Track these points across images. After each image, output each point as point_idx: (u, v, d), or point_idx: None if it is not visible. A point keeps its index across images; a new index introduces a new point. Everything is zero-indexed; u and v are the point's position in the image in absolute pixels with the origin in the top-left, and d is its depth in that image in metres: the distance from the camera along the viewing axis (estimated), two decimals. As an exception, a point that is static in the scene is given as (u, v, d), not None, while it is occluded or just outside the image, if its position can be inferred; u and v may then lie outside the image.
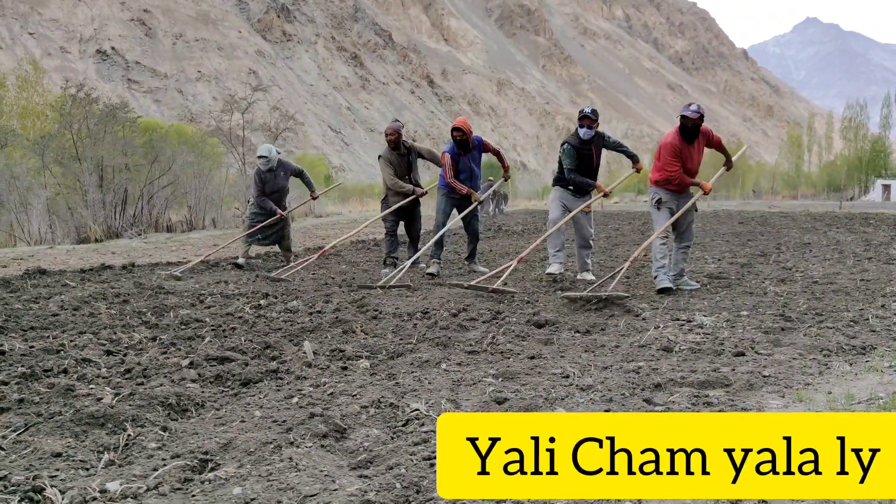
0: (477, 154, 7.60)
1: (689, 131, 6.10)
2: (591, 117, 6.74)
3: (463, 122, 7.46)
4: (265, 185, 8.69)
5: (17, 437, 2.45)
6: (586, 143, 6.82)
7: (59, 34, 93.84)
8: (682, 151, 6.17)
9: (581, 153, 6.84)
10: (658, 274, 6.20)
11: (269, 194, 8.74)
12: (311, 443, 2.41)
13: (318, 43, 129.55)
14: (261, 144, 8.90)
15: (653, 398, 2.91)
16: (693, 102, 6.19)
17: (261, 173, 8.69)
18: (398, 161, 7.88)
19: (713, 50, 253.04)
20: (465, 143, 7.36)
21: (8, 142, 20.04)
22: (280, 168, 8.76)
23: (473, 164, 7.57)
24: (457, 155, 7.49)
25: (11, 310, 5.18)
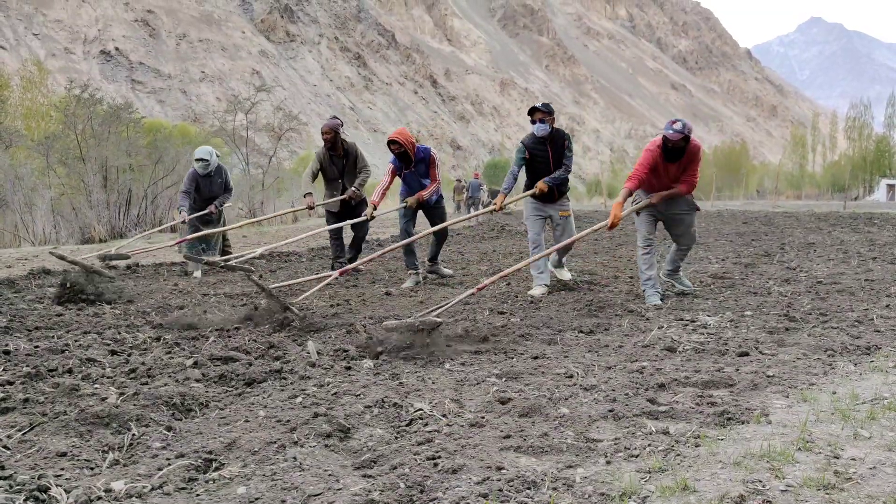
0: (423, 167, 6.90)
1: (670, 152, 5.43)
2: (541, 110, 6.07)
3: (399, 133, 6.84)
4: (199, 189, 8.18)
5: (22, 437, 2.46)
6: (541, 141, 6.15)
7: (64, 35, 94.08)
8: (659, 166, 5.54)
9: (534, 153, 6.17)
10: (646, 288, 5.67)
11: (203, 199, 8.22)
12: (314, 442, 2.41)
13: (321, 43, 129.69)
14: (201, 146, 8.40)
15: (656, 398, 2.91)
16: (679, 120, 5.44)
17: (197, 176, 8.16)
18: (330, 162, 7.44)
19: (717, 50, 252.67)
20: (404, 156, 6.76)
21: (12, 142, 20.13)
22: (218, 175, 8.28)
23: (420, 177, 6.92)
24: (399, 168, 6.90)
25: (16, 310, 5.20)
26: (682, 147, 5.41)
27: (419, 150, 6.81)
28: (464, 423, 2.61)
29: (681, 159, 5.50)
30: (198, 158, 8.08)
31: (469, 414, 2.73)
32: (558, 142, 6.18)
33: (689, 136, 5.38)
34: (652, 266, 5.67)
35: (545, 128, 6.05)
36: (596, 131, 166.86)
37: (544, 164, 6.19)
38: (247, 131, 29.86)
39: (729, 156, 72.75)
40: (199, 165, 8.06)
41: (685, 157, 5.52)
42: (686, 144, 5.42)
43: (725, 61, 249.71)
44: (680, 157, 5.48)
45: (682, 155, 5.47)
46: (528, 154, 6.17)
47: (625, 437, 2.46)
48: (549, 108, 6.09)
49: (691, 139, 5.46)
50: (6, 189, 17.45)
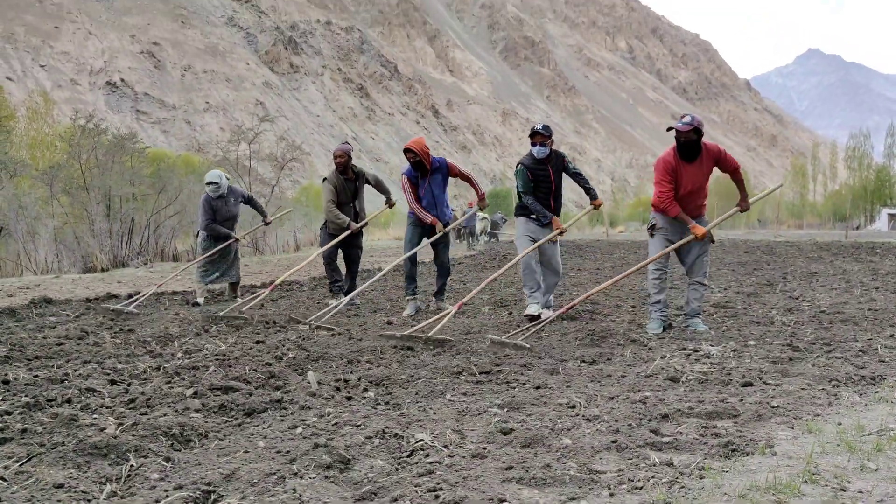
0: (440, 178, 6.82)
1: (684, 147, 5.23)
2: (542, 133, 6.04)
3: (416, 142, 6.71)
4: (216, 213, 8.12)
5: (19, 468, 2.44)
6: (541, 162, 6.14)
7: (70, 66, 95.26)
8: (678, 171, 5.29)
9: (536, 174, 6.15)
10: (652, 312, 5.55)
11: (222, 222, 8.18)
12: (315, 473, 2.39)
13: (324, 74, 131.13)
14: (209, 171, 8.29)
15: (660, 429, 2.88)
16: (688, 114, 5.32)
17: (211, 200, 8.10)
18: (343, 186, 7.40)
19: (716, 80, 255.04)
20: (419, 165, 6.65)
21: (17, 172, 20.24)
22: (230, 194, 8.26)
23: (436, 188, 6.84)
24: (415, 178, 6.79)
25: (17, 339, 5.18)
26: (694, 141, 5.22)
27: (434, 160, 6.74)
28: (465, 454, 2.59)
29: (699, 158, 5.30)
30: (208, 182, 8.06)
31: (471, 445, 2.70)
32: (557, 162, 6.22)
33: (700, 129, 5.20)
34: (662, 291, 5.52)
35: (545, 150, 6.08)
36: (597, 161, 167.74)
37: (546, 184, 6.21)
38: (250, 161, 30.03)
39: (730, 185, 72.74)
40: (211, 189, 8.03)
41: (704, 158, 5.32)
42: (698, 138, 5.23)
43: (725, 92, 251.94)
44: (697, 155, 5.28)
45: (699, 152, 5.29)
46: (530, 175, 6.15)
47: (628, 468, 2.43)
48: (549, 131, 6.10)
49: (707, 143, 5.32)
50: (9, 218, 17.51)
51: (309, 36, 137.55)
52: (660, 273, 5.56)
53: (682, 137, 5.20)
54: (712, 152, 5.36)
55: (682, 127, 5.15)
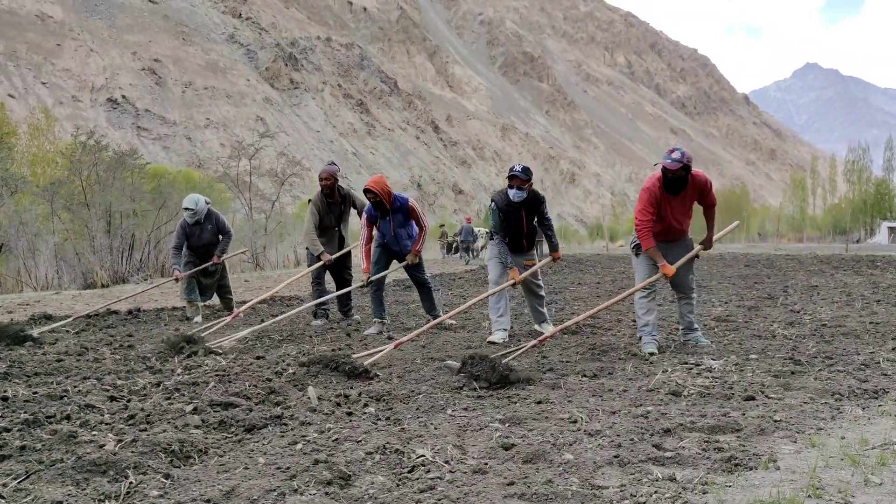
0: (401, 217, 6.67)
1: (671, 183, 5.12)
2: (520, 177, 5.84)
3: (375, 182, 6.48)
4: (189, 238, 7.88)
5: (17, 485, 2.42)
6: (515, 205, 5.98)
7: (72, 83, 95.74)
8: (662, 203, 5.20)
9: (508, 215, 6.00)
10: (642, 334, 5.35)
11: (195, 248, 7.94)
12: (315, 490, 2.37)
13: (324, 90, 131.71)
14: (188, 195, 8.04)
15: (662, 443, 2.86)
16: (678, 149, 5.13)
17: (186, 226, 7.85)
18: (327, 210, 7.24)
19: (715, 95, 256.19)
20: (380, 205, 6.51)
21: (18, 188, 20.29)
22: (207, 221, 7.94)
23: (398, 227, 6.68)
24: (374, 217, 6.65)
25: (16, 355, 5.17)
26: (682, 177, 5.10)
27: (396, 199, 6.59)
28: (466, 470, 2.57)
29: (684, 191, 5.19)
30: (185, 207, 7.83)
31: (472, 460, 2.69)
32: (534, 204, 6.04)
33: (690, 166, 5.07)
34: (650, 311, 5.34)
35: (522, 195, 5.90)
36: (597, 175, 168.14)
37: (518, 225, 6.07)
38: (250, 177, 30.13)
39: (729, 199, 73.14)
40: (187, 214, 7.79)
41: (689, 190, 5.21)
42: (686, 174, 5.10)
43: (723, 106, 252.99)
44: (682, 189, 5.17)
45: (685, 186, 5.16)
46: (501, 216, 6.00)
47: (631, 483, 2.42)
48: (528, 175, 5.90)
49: (696, 171, 5.19)
50: (10, 234, 17.53)
51: (309, 52, 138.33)
52: (647, 292, 5.40)
53: (669, 174, 5.08)
54: (699, 185, 5.25)
55: (672, 165, 5.02)
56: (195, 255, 8.01)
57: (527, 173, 5.89)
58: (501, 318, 6.05)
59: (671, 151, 5.12)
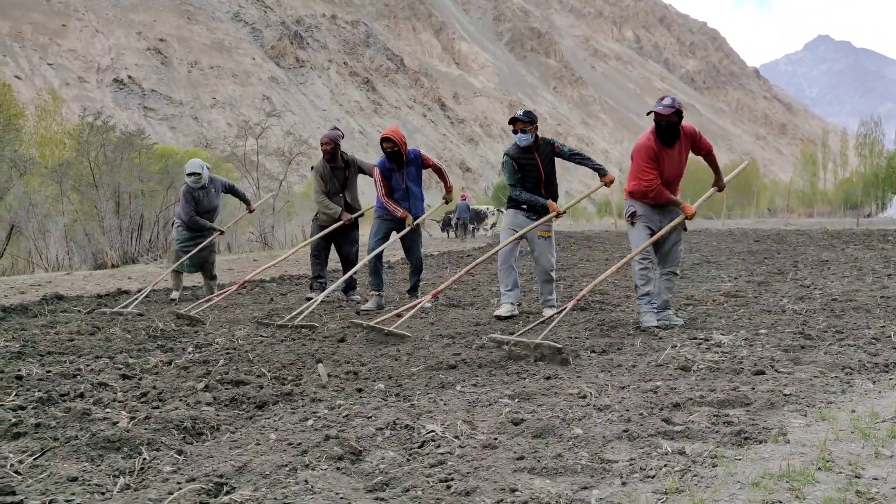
0: (414, 170, 6.60)
1: (665, 131, 5.03)
2: (522, 119, 5.72)
3: (394, 131, 6.41)
4: (198, 204, 7.81)
5: (33, 462, 2.45)
6: (526, 151, 5.80)
7: (78, 64, 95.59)
8: (661, 156, 5.13)
9: (522, 164, 5.83)
10: (641, 304, 5.26)
11: (203, 214, 7.87)
12: (326, 465, 2.39)
13: (330, 68, 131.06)
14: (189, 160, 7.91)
15: (672, 418, 2.86)
16: (667, 96, 5.10)
17: (192, 191, 7.79)
18: (332, 176, 7.11)
19: (724, 69, 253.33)
20: (396, 155, 6.40)
21: (27, 170, 20.36)
22: (212, 185, 7.91)
23: (410, 181, 6.61)
24: (388, 170, 6.54)
25: (29, 335, 5.22)
26: (675, 124, 5.03)
27: (409, 151, 6.51)
28: (476, 445, 2.58)
29: (678, 142, 5.12)
30: (189, 173, 7.72)
31: (482, 435, 2.70)
32: (546, 149, 5.87)
33: (681, 111, 5.01)
34: (649, 281, 5.25)
35: (527, 137, 5.75)
36: (605, 152, 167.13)
37: (535, 174, 5.86)
38: (257, 156, 30.08)
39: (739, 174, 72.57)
40: (192, 180, 7.69)
41: (683, 141, 5.14)
42: (679, 120, 5.04)
43: (733, 80, 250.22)
44: (676, 138, 5.10)
45: (678, 135, 5.09)
46: (516, 166, 5.85)
47: (640, 457, 2.42)
48: (530, 117, 5.77)
49: (683, 123, 5.12)
50: (20, 216, 17.63)
51: (314, 30, 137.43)
52: (646, 263, 5.28)
53: (663, 121, 5.00)
54: (689, 134, 5.20)
55: (664, 110, 4.95)
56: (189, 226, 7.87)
57: (528, 115, 5.76)
58: (510, 291, 5.96)
59: (661, 99, 5.06)
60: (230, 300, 7.60)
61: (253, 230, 23.87)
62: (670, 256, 5.39)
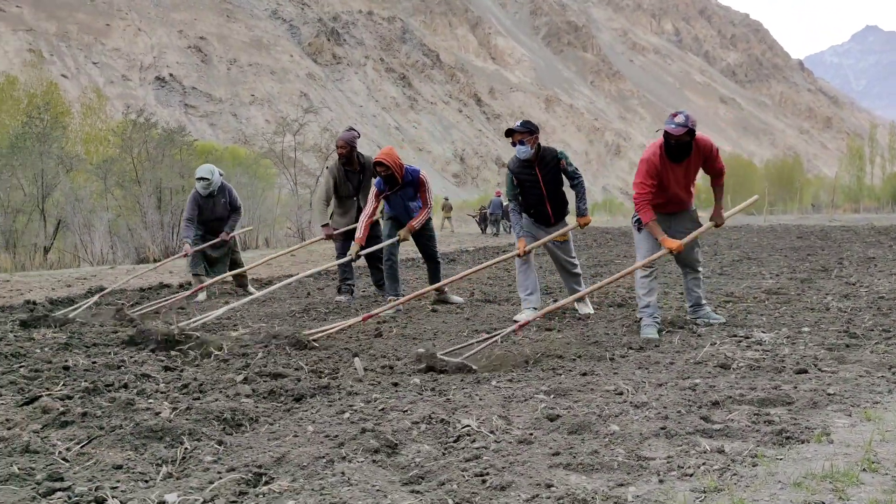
0: (412, 191, 6.42)
1: (674, 150, 4.76)
2: (518, 130, 5.36)
3: (387, 154, 6.20)
4: (201, 211, 7.56)
5: (80, 450, 2.52)
6: (527, 164, 5.47)
7: (121, 63, 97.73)
8: (663, 173, 4.84)
9: (521, 179, 5.52)
10: (642, 316, 4.95)
11: (206, 222, 7.63)
12: (362, 458, 2.42)
13: (367, 65, 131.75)
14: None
15: (710, 416, 2.82)
16: (681, 112, 4.77)
17: (198, 197, 7.52)
18: (345, 179, 6.91)
19: (767, 62, 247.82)
20: (391, 179, 6.25)
21: (73, 166, 20.91)
22: (220, 195, 7.64)
23: (408, 200, 6.43)
24: (383, 190, 6.36)
25: (75, 327, 5.36)
26: (686, 143, 4.74)
27: (407, 171, 6.34)
28: (512, 440, 2.58)
29: (688, 158, 4.83)
30: (198, 178, 7.50)
31: (517, 430, 2.70)
32: (548, 163, 5.48)
33: (695, 131, 4.69)
34: (651, 292, 4.94)
35: (526, 149, 5.39)
36: (643, 146, 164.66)
37: (535, 190, 5.52)
38: (295, 152, 30.43)
39: (781, 169, 71.06)
40: (200, 185, 7.48)
41: (693, 157, 4.85)
42: (691, 139, 4.73)
43: (776, 73, 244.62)
44: (686, 156, 4.81)
45: (689, 153, 4.80)
46: (515, 181, 5.56)
47: (678, 455, 2.40)
48: (528, 127, 5.42)
49: (700, 136, 4.80)
50: (67, 211, 18.12)
51: (351, 27, 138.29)
52: (648, 271, 4.99)
53: (672, 140, 4.73)
54: (704, 150, 4.88)
55: (675, 130, 4.64)
56: (205, 230, 7.72)
57: (527, 126, 5.42)
58: (530, 295, 5.71)
59: (674, 115, 4.75)
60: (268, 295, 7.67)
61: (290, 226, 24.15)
62: (688, 258, 5.17)
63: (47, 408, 2.96)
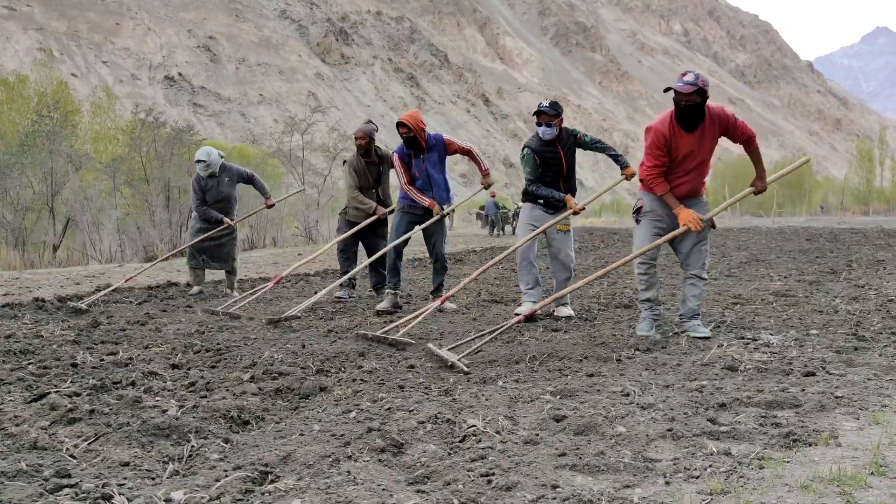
0: (436, 157, 6.15)
1: (684, 113, 4.30)
2: (547, 112, 5.43)
3: (410, 115, 6.02)
4: (206, 193, 7.55)
5: (87, 447, 2.54)
6: (549, 144, 5.55)
7: (131, 62, 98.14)
8: (675, 143, 4.39)
9: (544, 157, 5.55)
10: (642, 309, 4.78)
11: (212, 204, 7.58)
12: (368, 457, 2.42)
13: (375, 64, 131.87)
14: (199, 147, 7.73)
15: (717, 418, 2.81)
16: (691, 71, 4.32)
17: (200, 180, 7.56)
18: (366, 170, 6.86)
19: (776, 63, 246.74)
20: (413, 141, 6.02)
21: (82, 165, 21.02)
22: (224, 173, 7.61)
23: (432, 168, 6.15)
24: (407, 156, 6.15)
25: (84, 324, 5.39)
26: (698, 105, 4.29)
27: (430, 136, 6.11)
28: (518, 441, 2.58)
29: (701, 126, 4.37)
30: (197, 160, 7.51)
31: (523, 431, 2.69)
32: (568, 140, 5.60)
33: (705, 91, 4.27)
34: (651, 286, 4.71)
35: (552, 131, 5.49)
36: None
37: (556, 167, 5.60)
38: (303, 152, 30.46)
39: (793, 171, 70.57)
40: (200, 167, 7.49)
41: (708, 126, 4.38)
42: (702, 101, 4.30)
43: (786, 74, 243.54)
44: (699, 122, 4.35)
45: (702, 118, 4.35)
46: (537, 160, 5.56)
47: (684, 457, 2.39)
48: (556, 109, 5.48)
49: (711, 106, 4.39)
50: (76, 209, 18.21)
51: (360, 27, 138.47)
52: (647, 266, 4.72)
53: (682, 101, 4.26)
54: (719, 119, 4.40)
55: (684, 88, 4.21)
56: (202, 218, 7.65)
57: (554, 108, 5.48)
58: (532, 290, 5.66)
59: (683, 74, 4.34)
60: (274, 293, 7.72)
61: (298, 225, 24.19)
62: (692, 258, 4.69)
63: (55, 404, 2.98)
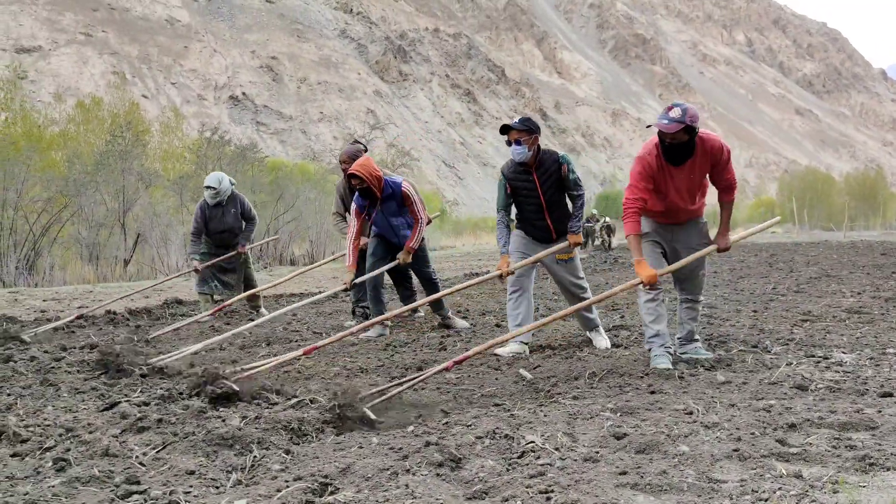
0: (395, 206, 5.60)
1: (669, 151, 3.97)
2: (517, 128, 4.65)
3: (362, 165, 5.40)
4: (208, 222, 7.17)
5: (156, 455, 2.62)
6: (523, 169, 4.76)
7: (197, 83, 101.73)
8: (660, 176, 4.05)
9: (516, 186, 4.78)
10: (651, 346, 4.24)
11: (214, 234, 7.22)
12: (426, 471, 2.42)
13: (432, 81, 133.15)
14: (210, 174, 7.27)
15: (786, 439, 2.71)
16: (678, 105, 3.89)
17: (205, 208, 7.14)
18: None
19: (846, 71, 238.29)
20: (368, 192, 5.47)
21: (152, 182, 21.83)
22: (231, 203, 7.27)
23: (391, 217, 5.64)
24: (363, 207, 5.59)
25: (152, 336, 5.58)
26: (684, 143, 3.93)
27: (388, 183, 5.55)
28: (577, 458, 2.54)
29: (691, 159, 4.02)
30: (206, 186, 7.17)
31: (583, 448, 2.65)
32: (548, 168, 4.78)
33: (694, 127, 3.89)
34: (659, 318, 4.22)
35: (522, 150, 4.66)
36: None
37: (532, 198, 4.80)
38: (362, 168, 30.90)
39: (863, 183, 67.87)
40: (208, 194, 7.14)
41: (699, 158, 4.03)
42: (690, 138, 3.93)
43: (857, 83, 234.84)
44: (688, 157, 4.00)
45: (691, 153, 3.99)
46: (508, 188, 4.84)
47: (752, 479, 2.31)
48: (527, 125, 4.70)
49: (705, 136, 4.03)
50: (145, 225, 18.90)
51: (417, 44, 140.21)
52: (652, 296, 4.24)
53: (667, 139, 3.93)
54: (712, 154, 4.06)
55: (668, 126, 3.83)
56: (213, 243, 7.37)
57: (525, 123, 4.72)
58: (519, 326, 4.76)
59: (668, 109, 3.92)
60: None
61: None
62: (689, 283, 4.41)
63: (125, 413, 3.09)
